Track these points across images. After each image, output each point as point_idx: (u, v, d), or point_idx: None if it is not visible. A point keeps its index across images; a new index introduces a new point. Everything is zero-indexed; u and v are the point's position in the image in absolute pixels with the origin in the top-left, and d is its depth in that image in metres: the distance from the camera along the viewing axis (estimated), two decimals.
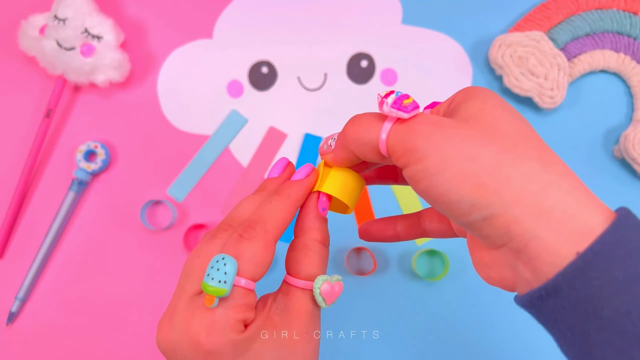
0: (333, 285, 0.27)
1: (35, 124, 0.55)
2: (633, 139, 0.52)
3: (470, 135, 0.21)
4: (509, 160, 0.21)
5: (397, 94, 0.23)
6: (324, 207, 0.28)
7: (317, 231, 0.28)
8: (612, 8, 0.55)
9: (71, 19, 0.51)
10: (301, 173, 0.28)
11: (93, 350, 0.52)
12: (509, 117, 0.22)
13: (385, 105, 0.23)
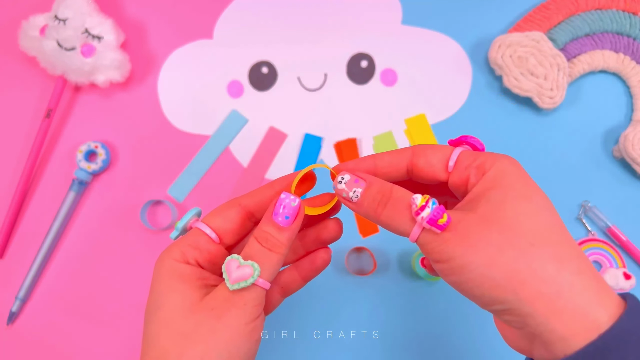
0: (242, 266, 0.27)
1: (36, 124, 0.55)
2: (632, 139, 0.52)
3: (490, 241, 0.24)
4: (524, 264, 0.23)
5: (432, 207, 0.25)
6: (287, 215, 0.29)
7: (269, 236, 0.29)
8: (612, 8, 0.56)
9: (71, 19, 0.51)
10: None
11: (93, 350, 0.52)
12: (529, 210, 0.25)
13: (421, 219, 0.25)
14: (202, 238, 0.30)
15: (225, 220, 0.30)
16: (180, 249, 0.29)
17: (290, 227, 0.28)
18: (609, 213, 0.53)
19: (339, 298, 0.52)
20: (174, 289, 0.28)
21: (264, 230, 0.28)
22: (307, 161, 0.55)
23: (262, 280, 0.28)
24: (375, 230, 0.54)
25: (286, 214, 0.28)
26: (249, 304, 0.27)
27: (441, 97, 0.56)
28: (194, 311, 0.27)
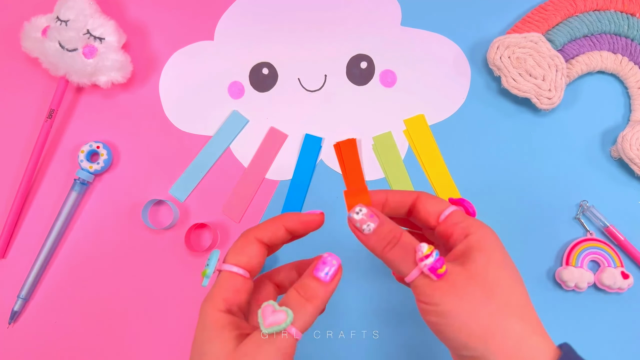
0: (277, 312, 0.29)
1: (38, 124, 0.55)
2: (630, 139, 0.52)
3: (474, 295, 0.29)
4: (498, 321, 0.29)
5: (435, 257, 0.29)
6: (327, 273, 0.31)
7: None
8: (610, 9, 0.56)
9: (73, 20, 0.51)
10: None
11: (95, 349, 0.52)
12: (507, 276, 0.30)
13: (424, 266, 0.29)
14: (238, 280, 0.32)
15: (251, 257, 0.32)
16: (222, 297, 0.31)
17: (330, 283, 0.31)
18: (607, 213, 0.53)
19: (339, 298, 0.53)
20: (216, 339, 0.30)
21: (304, 283, 0.31)
22: (307, 161, 0.55)
23: (295, 330, 0.29)
24: None
25: (327, 272, 0.31)
26: (280, 351, 0.28)
27: (440, 98, 0.56)
28: (229, 358, 0.29)
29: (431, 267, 0.29)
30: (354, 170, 0.55)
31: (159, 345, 0.52)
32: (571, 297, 0.52)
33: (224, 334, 0.30)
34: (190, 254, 0.53)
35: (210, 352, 0.29)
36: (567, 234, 0.54)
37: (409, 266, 0.30)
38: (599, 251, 0.52)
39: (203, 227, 0.54)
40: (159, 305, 0.53)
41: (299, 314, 0.29)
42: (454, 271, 0.30)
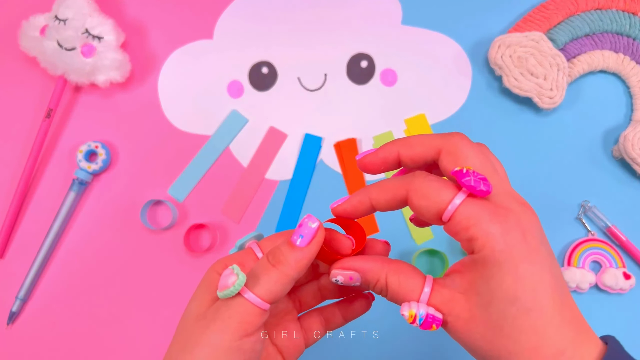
0: (229, 274, 0.26)
1: (36, 124, 0.55)
2: (632, 139, 0.52)
3: (477, 340, 0.26)
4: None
5: (419, 322, 0.26)
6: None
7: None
8: (612, 8, 0.56)
9: (72, 19, 0.51)
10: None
11: (94, 350, 0.52)
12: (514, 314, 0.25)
13: (416, 324, 0.26)
14: (250, 257, 0.31)
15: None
16: (225, 263, 0.30)
17: (302, 249, 0.27)
18: (609, 213, 0.53)
19: None
20: (196, 296, 0.29)
21: (276, 247, 0.28)
22: (307, 161, 0.55)
23: (253, 296, 0.26)
24: (375, 230, 0.54)
25: (301, 233, 0.27)
26: (233, 319, 0.26)
27: (441, 97, 0.56)
28: (197, 318, 0.28)
29: (423, 328, 0.27)
30: (354, 170, 0.55)
31: (157, 346, 0.52)
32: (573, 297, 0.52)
33: (206, 296, 0.29)
34: (189, 255, 0.53)
35: (191, 312, 0.29)
36: (569, 234, 0.53)
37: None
38: (601, 252, 0.52)
39: (202, 228, 0.54)
40: (157, 305, 0.53)
41: (262, 280, 0.26)
42: (454, 312, 0.27)
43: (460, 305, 0.26)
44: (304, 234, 0.27)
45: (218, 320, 0.26)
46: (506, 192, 0.27)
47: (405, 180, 0.27)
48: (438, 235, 0.54)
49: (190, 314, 0.29)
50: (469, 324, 0.26)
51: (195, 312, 0.28)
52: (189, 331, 0.27)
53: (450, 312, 0.27)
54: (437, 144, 0.28)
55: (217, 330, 0.26)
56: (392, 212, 0.54)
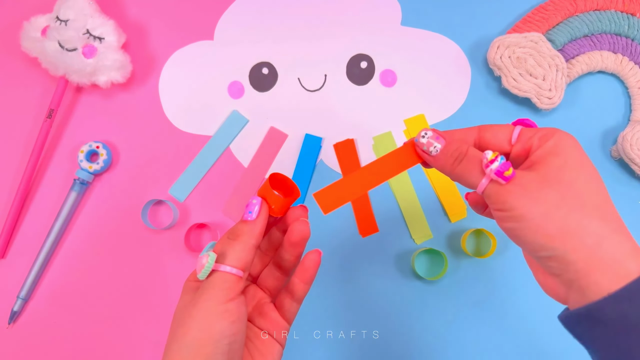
0: (201, 257, 0.31)
1: (38, 124, 0.55)
2: (631, 139, 0.52)
3: (548, 197, 0.28)
4: (575, 221, 0.28)
5: (500, 162, 0.29)
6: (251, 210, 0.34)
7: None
8: (610, 9, 0.56)
9: (73, 20, 0.51)
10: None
11: (95, 349, 0.52)
12: (583, 177, 0.29)
13: (490, 171, 0.30)
14: (233, 282, 0.32)
15: (242, 254, 0.33)
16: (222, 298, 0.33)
17: (252, 220, 0.33)
18: None
19: (339, 298, 0.53)
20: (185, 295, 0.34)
21: (233, 226, 0.33)
22: (307, 161, 0.55)
23: (227, 267, 0.31)
24: (375, 230, 0.54)
25: (249, 210, 0.33)
26: (217, 288, 0.31)
27: (440, 98, 0.56)
28: (186, 304, 0.32)
29: (497, 170, 0.29)
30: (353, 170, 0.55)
31: (158, 345, 0.52)
32: None
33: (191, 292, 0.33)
34: (190, 254, 0.53)
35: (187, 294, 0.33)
36: None
37: (478, 176, 0.31)
38: None
39: (203, 227, 0.54)
40: (158, 305, 0.53)
41: (228, 253, 0.32)
42: (527, 176, 0.30)
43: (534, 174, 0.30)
44: (252, 210, 0.33)
45: (204, 294, 0.31)
46: None
47: (473, 127, 0.34)
48: (437, 235, 0.54)
49: (180, 306, 0.33)
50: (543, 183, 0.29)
51: (184, 303, 0.33)
52: (182, 312, 0.32)
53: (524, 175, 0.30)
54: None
55: (205, 300, 0.31)
56: (391, 213, 0.54)
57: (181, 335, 0.30)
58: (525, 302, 0.52)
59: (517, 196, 0.29)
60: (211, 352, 0.30)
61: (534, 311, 0.52)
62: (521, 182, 0.29)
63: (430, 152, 0.33)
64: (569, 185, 0.29)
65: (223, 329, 0.30)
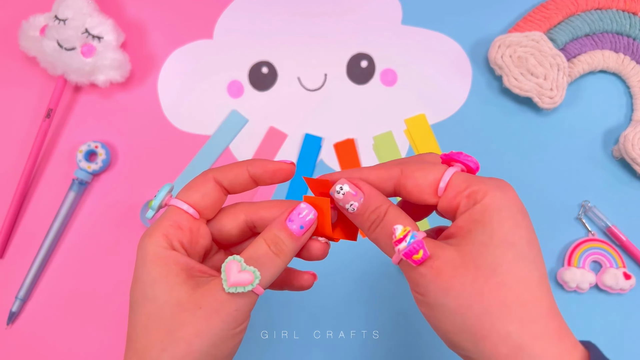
0: (243, 272, 0.26)
1: (36, 124, 0.55)
2: (632, 139, 0.52)
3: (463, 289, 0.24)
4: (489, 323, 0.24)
5: (409, 242, 0.25)
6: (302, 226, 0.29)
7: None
8: (612, 8, 0.56)
9: (71, 19, 0.51)
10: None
11: (94, 350, 0.52)
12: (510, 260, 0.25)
13: (397, 252, 0.26)
14: (182, 216, 0.29)
15: (204, 195, 0.30)
16: (162, 232, 0.28)
17: (301, 238, 0.28)
18: (609, 213, 0.53)
19: (339, 298, 0.52)
20: (162, 281, 0.27)
21: (276, 235, 0.28)
22: (307, 161, 0.55)
23: (259, 287, 0.27)
24: None
25: (301, 224, 0.28)
26: (240, 310, 0.27)
27: (441, 97, 0.56)
28: (182, 309, 0.27)
29: (406, 252, 0.25)
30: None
31: None
32: (573, 298, 0.52)
33: (170, 276, 0.27)
34: None
35: (156, 297, 0.27)
36: (569, 234, 0.53)
37: (391, 250, 0.27)
38: (601, 252, 0.52)
39: None
40: None
41: (268, 271, 0.27)
42: (443, 256, 0.25)
43: (452, 252, 0.26)
44: (304, 224, 0.28)
45: (223, 313, 0.26)
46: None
47: (395, 164, 0.29)
48: None
49: (161, 300, 0.27)
50: (459, 269, 0.25)
51: (170, 298, 0.27)
52: (173, 320, 0.26)
53: (440, 255, 0.26)
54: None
55: (223, 322, 0.26)
56: None
57: (180, 357, 0.26)
58: None
59: (429, 283, 0.25)
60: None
61: None
62: (435, 264, 0.25)
63: (347, 209, 0.28)
64: (490, 274, 0.24)
65: (231, 351, 0.28)
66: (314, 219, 0.28)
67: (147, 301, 0.27)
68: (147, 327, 0.27)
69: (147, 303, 0.27)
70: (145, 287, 0.28)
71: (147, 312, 0.27)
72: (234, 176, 0.30)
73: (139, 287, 0.28)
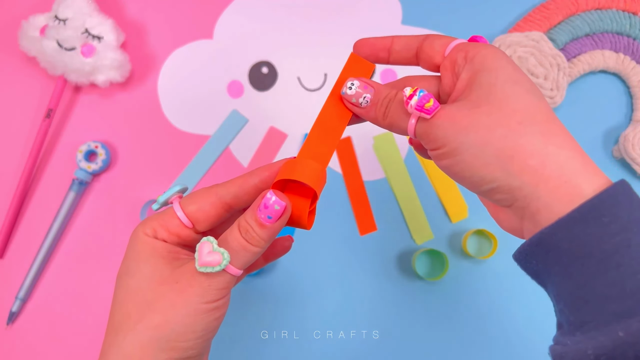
0: (213, 252, 0.27)
1: (36, 124, 0.55)
2: (632, 139, 0.52)
3: (480, 123, 0.25)
4: (513, 141, 0.25)
5: (419, 95, 0.26)
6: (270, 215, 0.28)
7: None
8: (612, 8, 0.56)
9: (72, 19, 0.51)
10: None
11: (93, 350, 0.52)
12: (518, 92, 0.26)
13: (410, 107, 0.27)
14: (174, 221, 0.30)
15: (200, 209, 0.30)
16: (152, 226, 0.30)
17: (272, 226, 0.28)
18: None
19: (338, 298, 0.52)
20: (146, 261, 0.29)
21: (247, 222, 0.28)
22: None
23: (233, 268, 0.28)
24: (373, 228, 0.54)
25: (269, 214, 0.28)
26: (213, 287, 0.28)
27: None
28: (161, 283, 0.28)
29: (417, 105, 0.26)
30: (354, 171, 0.55)
31: None
32: None
33: (154, 258, 0.29)
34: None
35: (139, 273, 0.29)
36: None
37: (405, 119, 0.28)
38: None
39: None
40: None
41: (239, 255, 0.28)
42: (455, 105, 0.27)
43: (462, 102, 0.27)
44: (271, 214, 0.28)
45: (195, 287, 0.27)
46: None
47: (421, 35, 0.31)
48: (438, 235, 0.54)
49: (143, 276, 0.28)
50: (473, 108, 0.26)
51: (152, 275, 0.28)
52: (150, 292, 0.28)
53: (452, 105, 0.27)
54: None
55: (195, 295, 0.27)
56: (392, 212, 0.54)
57: (155, 326, 0.27)
58: (527, 303, 0.52)
59: (446, 129, 0.26)
60: (190, 346, 0.28)
61: (535, 312, 0.52)
62: (449, 113, 0.26)
63: (360, 104, 0.30)
64: (503, 104, 0.25)
65: (207, 326, 0.28)
66: (281, 209, 0.28)
67: (128, 277, 0.29)
68: (125, 301, 0.28)
69: (128, 278, 0.29)
70: (129, 264, 0.29)
71: (127, 287, 0.29)
72: (239, 187, 0.31)
73: (125, 264, 0.30)
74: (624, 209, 0.23)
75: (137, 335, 0.27)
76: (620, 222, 0.23)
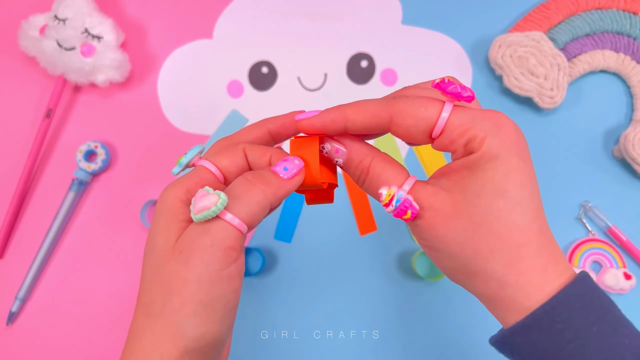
0: (207, 195, 0.25)
1: (36, 124, 0.55)
2: (633, 139, 0.52)
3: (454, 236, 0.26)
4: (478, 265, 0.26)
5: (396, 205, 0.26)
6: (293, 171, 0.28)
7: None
8: (612, 8, 0.56)
9: (71, 19, 0.51)
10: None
11: (93, 350, 0.52)
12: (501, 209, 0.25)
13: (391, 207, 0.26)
14: (209, 176, 0.28)
15: (231, 162, 0.29)
16: (186, 187, 0.27)
17: (285, 180, 0.27)
18: (609, 213, 0.53)
19: (338, 298, 0.52)
20: (164, 232, 0.26)
21: (257, 171, 0.27)
22: None
23: (233, 217, 0.25)
24: (373, 228, 0.54)
25: (286, 166, 0.27)
26: (216, 245, 0.24)
27: None
28: (169, 257, 0.25)
29: (396, 213, 0.26)
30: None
31: None
32: None
33: (173, 228, 0.26)
34: None
35: (158, 248, 0.26)
36: (569, 234, 0.53)
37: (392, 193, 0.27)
38: (601, 252, 0.52)
39: None
40: None
41: (242, 200, 0.25)
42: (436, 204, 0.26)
43: (443, 200, 0.26)
44: (289, 167, 0.27)
45: (198, 251, 0.25)
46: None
47: (387, 102, 0.26)
48: None
49: (158, 249, 0.26)
50: (451, 219, 0.26)
51: (164, 247, 0.26)
52: (164, 269, 0.25)
53: (431, 205, 0.26)
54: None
55: (201, 263, 0.24)
56: None
57: (177, 309, 0.24)
58: None
59: (424, 230, 0.27)
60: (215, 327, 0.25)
61: None
62: (427, 216, 0.26)
63: (337, 162, 0.29)
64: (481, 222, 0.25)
65: (228, 301, 0.25)
66: (301, 166, 0.27)
67: (150, 253, 0.27)
68: (149, 281, 0.26)
69: (150, 254, 0.27)
70: (151, 239, 0.27)
71: (149, 264, 0.26)
72: (256, 140, 0.31)
73: (149, 238, 0.27)
74: (577, 313, 0.24)
75: (165, 319, 0.25)
76: (573, 327, 0.24)
